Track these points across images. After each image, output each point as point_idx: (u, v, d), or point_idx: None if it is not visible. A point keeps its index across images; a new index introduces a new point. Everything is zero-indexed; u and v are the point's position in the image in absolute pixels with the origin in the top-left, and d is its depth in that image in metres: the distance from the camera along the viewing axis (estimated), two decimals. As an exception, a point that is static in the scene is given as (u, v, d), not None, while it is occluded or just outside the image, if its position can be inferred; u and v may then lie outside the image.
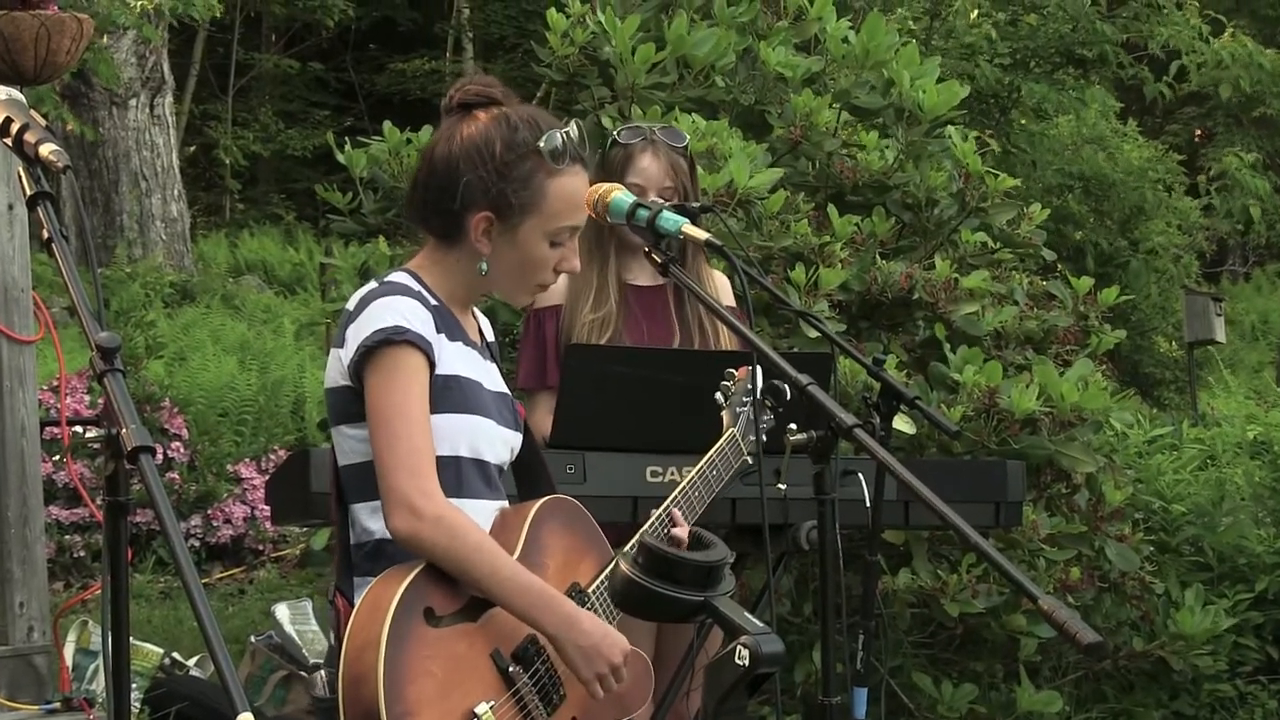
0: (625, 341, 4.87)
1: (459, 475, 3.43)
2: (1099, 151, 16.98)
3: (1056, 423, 6.26)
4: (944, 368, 6.34)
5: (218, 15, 13.35)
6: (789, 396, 4.01)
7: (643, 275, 4.93)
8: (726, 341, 4.94)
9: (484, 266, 3.48)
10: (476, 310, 3.71)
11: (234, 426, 12.04)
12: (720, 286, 5.01)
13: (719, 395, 4.11)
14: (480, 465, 3.49)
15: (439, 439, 3.39)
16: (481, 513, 3.46)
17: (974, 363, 6.24)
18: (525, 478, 3.73)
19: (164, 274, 18.33)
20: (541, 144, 3.45)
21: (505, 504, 3.57)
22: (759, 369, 4.09)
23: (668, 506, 3.81)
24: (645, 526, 3.71)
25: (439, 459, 3.38)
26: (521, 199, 3.44)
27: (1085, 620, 3.03)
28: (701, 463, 3.99)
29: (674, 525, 3.78)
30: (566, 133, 3.49)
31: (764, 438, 4.09)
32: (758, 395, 4.05)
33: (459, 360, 3.46)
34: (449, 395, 3.42)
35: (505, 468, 3.63)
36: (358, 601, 3.29)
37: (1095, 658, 6.80)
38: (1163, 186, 17.41)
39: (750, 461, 4.05)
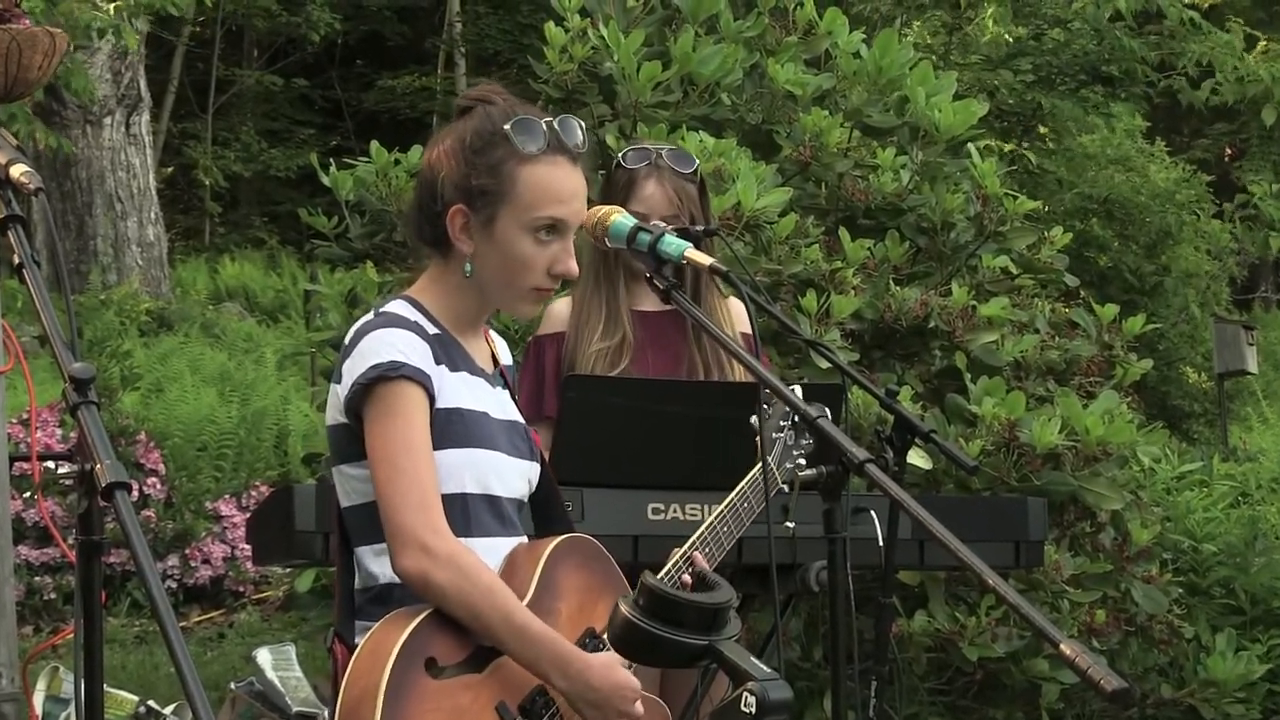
0: (632, 372, 4.87)
1: (466, 513, 3.42)
2: (1124, 174, 17.00)
3: (1080, 457, 6.26)
4: (961, 400, 6.35)
5: (206, 1, 13.34)
6: (830, 419, 4.01)
7: (649, 300, 4.93)
8: (739, 372, 4.94)
9: (469, 267, 3.46)
10: (493, 334, 3.70)
11: (213, 461, 12.02)
12: (736, 314, 5.00)
13: (754, 419, 4.10)
14: (491, 501, 3.47)
15: (443, 476, 3.37)
16: (493, 551, 3.44)
17: (995, 394, 6.25)
18: (540, 514, 3.70)
19: (140, 301, 18.32)
20: (507, 127, 3.44)
21: (523, 541, 3.55)
22: (798, 389, 4.09)
23: (690, 548, 3.79)
24: (668, 566, 3.70)
25: (444, 497, 3.36)
26: (488, 186, 3.42)
27: (1111, 666, 3.03)
28: (732, 495, 3.97)
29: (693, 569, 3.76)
30: (548, 121, 3.47)
31: (801, 463, 4.07)
32: (766, 417, 4.04)
33: (463, 391, 3.45)
34: (451, 429, 3.41)
35: (524, 501, 3.61)
36: (358, 646, 3.27)
37: (1121, 705, 6.79)
38: (1190, 209, 17.44)
39: (785, 490, 4.03)
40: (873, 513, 4.59)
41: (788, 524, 3.88)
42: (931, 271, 7.01)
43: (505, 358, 3.71)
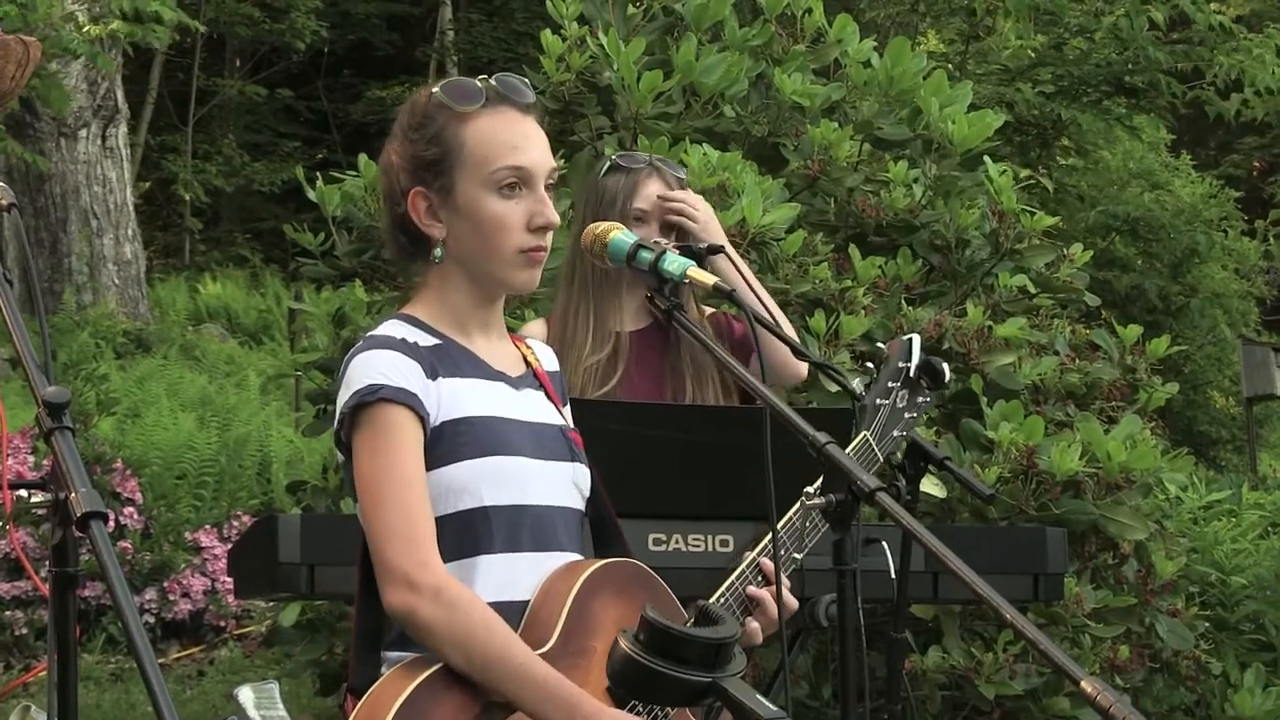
0: (619, 392, 4.86)
1: (488, 527, 3.32)
2: (1147, 190, 17.02)
3: (1102, 485, 6.26)
4: (977, 425, 6.35)
5: (196, 27, 13.38)
6: (948, 378, 3.96)
7: (628, 320, 4.95)
8: (718, 392, 4.94)
9: (439, 252, 3.42)
10: (532, 342, 3.65)
11: (193, 490, 12.02)
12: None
13: (857, 383, 4.07)
14: (517, 512, 3.36)
15: (459, 491, 3.30)
16: (526, 568, 3.35)
17: (1012, 419, 6.25)
18: (594, 532, 3.60)
19: (117, 322, 18.35)
20: (436, 90, 3.42)
21: (571, 558, 3.43)
22: (916, 340, 4.05)
23: (761, 551, 3.78)
24: (734, 576, 3.69)
25: (459, 514, 3.30)
26: (435, 156, 3.38)
27: (1134, 704, 3.03)
28: (819, 482, 3.96)
29: (763, 578, 3.73)
30: (483, 78, 3.44)
31: (911, 430, 4.01)
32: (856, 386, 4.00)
33: (471, 398, 3.37)
34: (459, 441, 3.32)
35: (578, 510, 3.49)
36: (360, 702, 3.18)
37: (1146, 746, 6.79)
38: (1218, 226, 17.45)
39: (889, 463, 3.99)
40: (884, 544, 4.59)
41: (795, 555, 3.87)
42: (945, 291, 7.02)
43: (549, 364, 3.64)
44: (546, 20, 7.12)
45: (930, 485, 5.79)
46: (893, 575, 4.51)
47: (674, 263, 3.63)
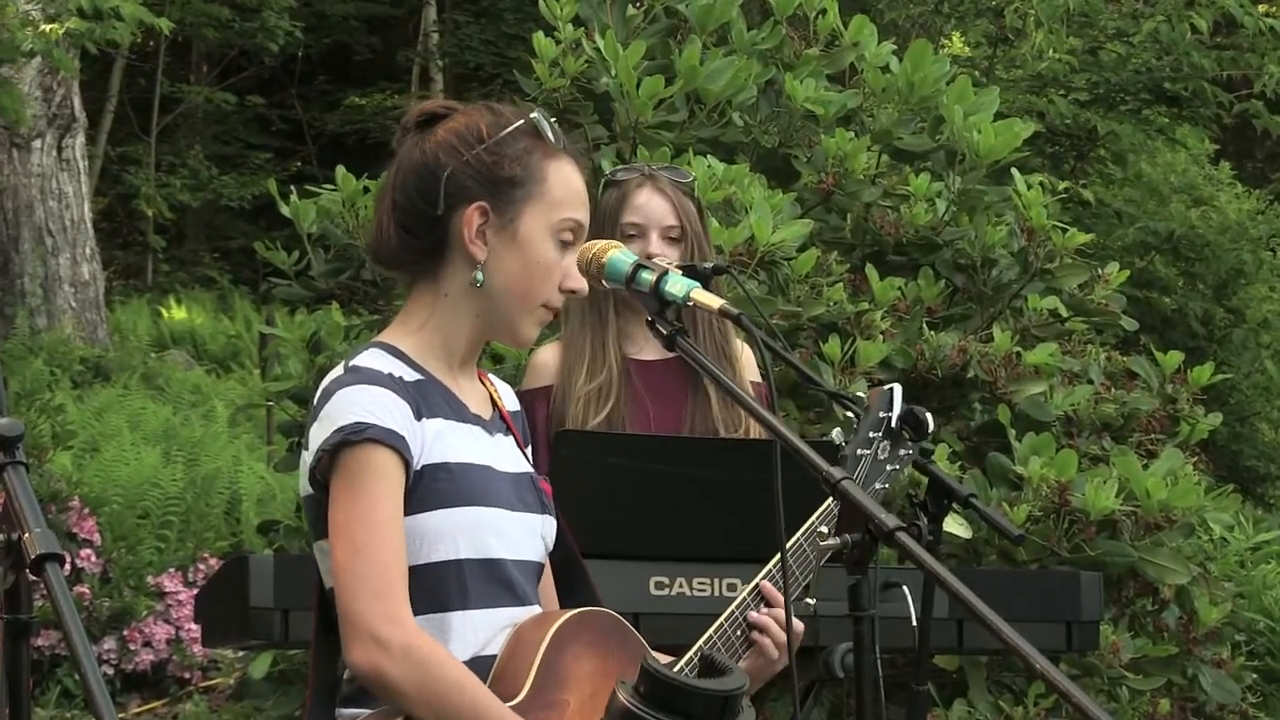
0: (627, 421, 4.86)
1: (462, 582, 3.36)
2: (1190, 206, 17.02)
3: (1140, 525, 6.27)
4: (1005, 459, 6.35)
5: (162, 29, 13.36)
6: (931, 428, 3.99)
7: (650, 348, 4.94)
8: (755, 427, 4.94)
9: (479, 276, 3.42)
10: (494, 378, 3.67)
11: (156, 530, 12.02)
12: (745, 361, 5.02)
13: (836, 434, 4.08)
14: (491, 566, 3.41)
15: (433, 541, 3.34)
16: (498, 624, 3.40)
17: (1042, 453, 6.25)
18: (561, 579, 3.65)
19: (73, 348, 18.32)
20: (533, 115, 3.46)
21: (534, 612, 3.48)
22: (897, 390, 4.06)
23: (754, 588, 3.78)
24: (725, 615, 3.69)
25: (435, 565, 3.33)
26: (517, 177, 3.42)
27: (1174, 761, 3.03)
28: (805, 527, 3.96)
29: (765, 602, 3.74)
30: (553, 121, 3.51)
31: (891, 484, 4.03)
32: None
33: (452, 443, 3.41)
34: (438, 488, 3.36)
35: (541, 563, 3.55)
36: None
37: (1189, 808, 6.79)
38: (1265, 244, 17.45)
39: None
40: (905, 588, 4.59)
41: (808, 600, 3.88)
42: (970, 314, 7.02)
43: (511, 403, 3.68)
44: (539, 22, 7.13)
45: (954, 525, 5.79)
46: (914, 622, 4.51)
47: (677, 284, 3.62)
